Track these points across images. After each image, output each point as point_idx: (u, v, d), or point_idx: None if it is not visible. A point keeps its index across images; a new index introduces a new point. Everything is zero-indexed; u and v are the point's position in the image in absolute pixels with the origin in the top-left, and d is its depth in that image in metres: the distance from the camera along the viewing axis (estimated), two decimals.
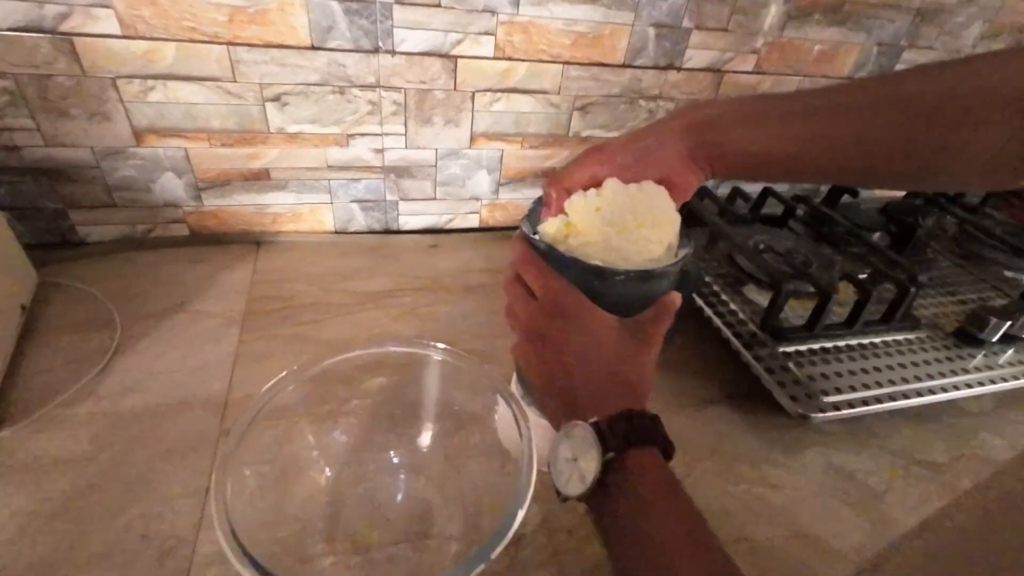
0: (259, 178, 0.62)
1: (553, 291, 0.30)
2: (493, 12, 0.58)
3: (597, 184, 0.33)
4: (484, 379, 0.39)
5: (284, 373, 0.36)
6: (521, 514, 0.31)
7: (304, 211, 0.67)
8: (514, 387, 0.43)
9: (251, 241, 0.66)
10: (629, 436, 0.24)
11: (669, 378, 0.55)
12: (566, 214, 0.33)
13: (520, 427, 0.35)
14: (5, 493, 0.37)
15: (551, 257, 0.32)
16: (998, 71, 0.30)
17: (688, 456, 0.47)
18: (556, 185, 0.33)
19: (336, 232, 0.70)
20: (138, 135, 0.56)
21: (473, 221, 0.75)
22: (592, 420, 0.25)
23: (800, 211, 0.68)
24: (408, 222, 0.72)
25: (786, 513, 0.44)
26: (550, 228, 0.33)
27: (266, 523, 0.33)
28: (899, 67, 0.78)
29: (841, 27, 0.71)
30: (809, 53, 0.72)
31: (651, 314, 0.31)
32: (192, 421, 0.44)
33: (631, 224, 0.31)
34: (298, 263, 0.64)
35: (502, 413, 0.38)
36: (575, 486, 0.26)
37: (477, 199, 0.72)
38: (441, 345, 0.41)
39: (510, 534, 0.29)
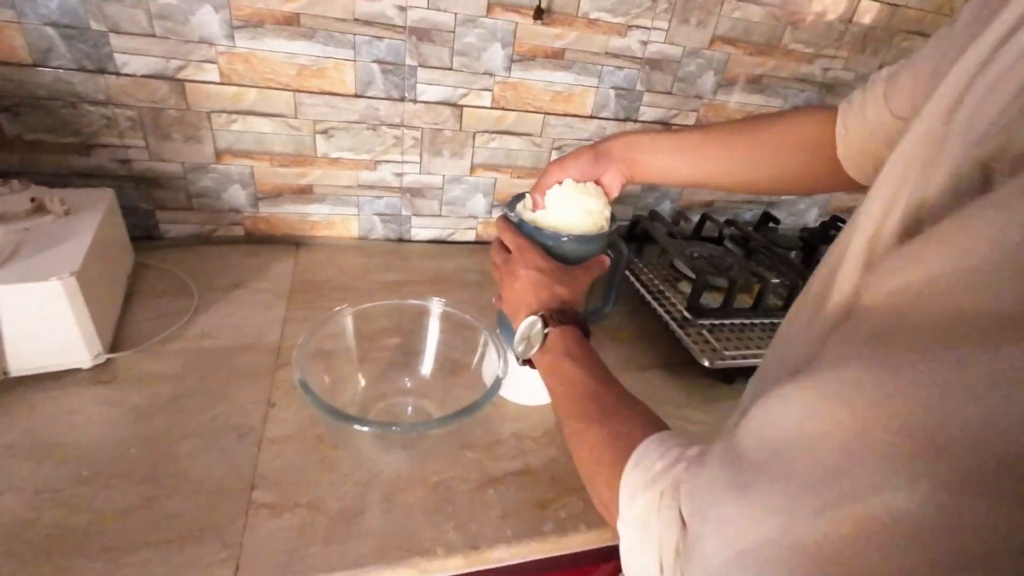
0: (304, 192, 0.80)
1: (520, 247, 0.46)
2: (491, 74, 0.77)
3: (560, 182, 0.50)
4: (473, 323, 0.55)
5: (336, 308, 0.52)
6: (488, 400, 0.45)
7: (336, 220, 0.84)
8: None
9: (292, 242, 0.82)
10: (560, 318, 0.40)
11: (617, 349, 0.70)
12: (545, 208, 0.50)
13: (497, 349, 0.51)
14: (125, 393, 0.52)
15: (522, 228, 0.49)
16: (811, 122, 0.48)
17: None
18: (536, 191, 0.50)
19: (360, 238, 0.86)
20: (218, 155, 0.73)
21: (470, 236, 0.92)
22: (540, 313, 0.41)
23: (728, 232, 0.86)
24: (418, 233, 0.89)
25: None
26: (529, 215, 0.50)
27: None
28: None
29: (762, 94, 0.92)
30: (738, 113, 0.92)
31: (585, 264, 0.47)
32: (255, 358, 0.59)
33: (578, 207, 0.48)
34: (330, 259, 0.80)
35: (485, 353, 0.54)
36: (527, 351, 0.41)
37: (475, 217, 0.90)
38: (443, 300, 0.56)
39: (476, 411, 0.44)
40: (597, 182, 0.51)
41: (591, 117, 0.85)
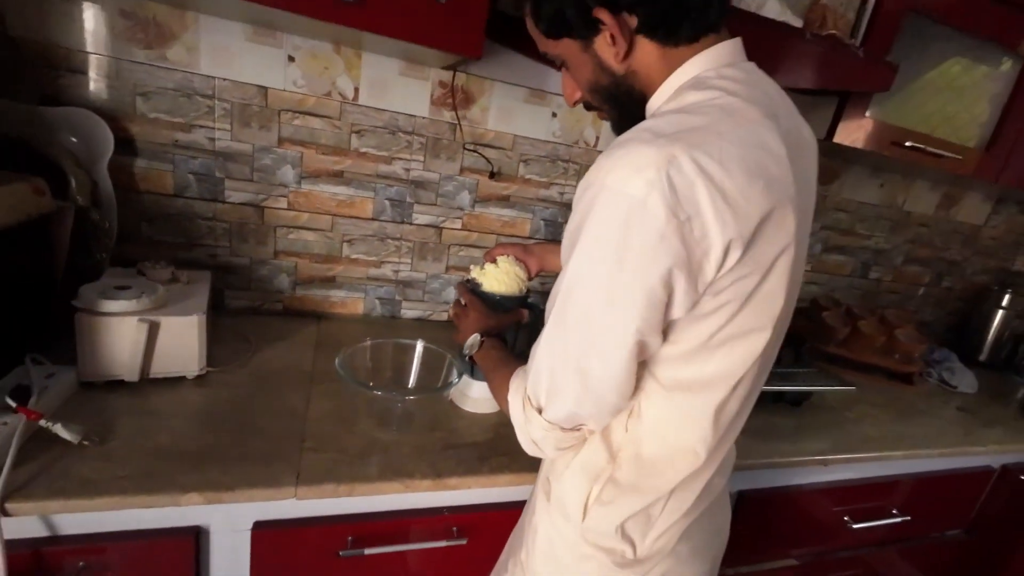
0: (330, 281, 1.15)
1: (471, 300, 0.81)
2: (462, 208, 1.19)
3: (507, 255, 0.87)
4: (443, 353, 0.88)
5: (361, 341, 0.84)
6: (449, 388, 0.77)
7: (348, 301, 1.18)
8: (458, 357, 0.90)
9: (316, 316, 1.15)
10: (489, 335, 0.74)
11: None
12: (495, 263, 0.86)
13: (456, 367, 0.83)
14: (216, 391, 0.81)
15: (473, 290, 0.84)
16: None
17: None
18: (488, 254, 0.87)
19: (364, 315, 1.20)
20: (276, 254, 1.09)
21: (444, 316, 1.26)
22: (478, 333, 0.75)
23: None
24: (407, 313, 1.23)
25: None
26: (480, 277, 0.86)
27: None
28: None
29: None
30: None
31: (509, 314, 0.83)
32: (296, 377, 0.89)
33: (514, 272, 0.84)
34: (342, 328, 1.13)
35: (449, 370, 0.86)
36: (470, 351, 0.74)
37: (447, 303, 1.25)
38: (424, 340, 0.90)
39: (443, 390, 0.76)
40: (524, 262, 0.88)
41: (529, 238, 1.26)
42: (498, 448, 0.80)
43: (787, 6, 0.90)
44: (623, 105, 0.56)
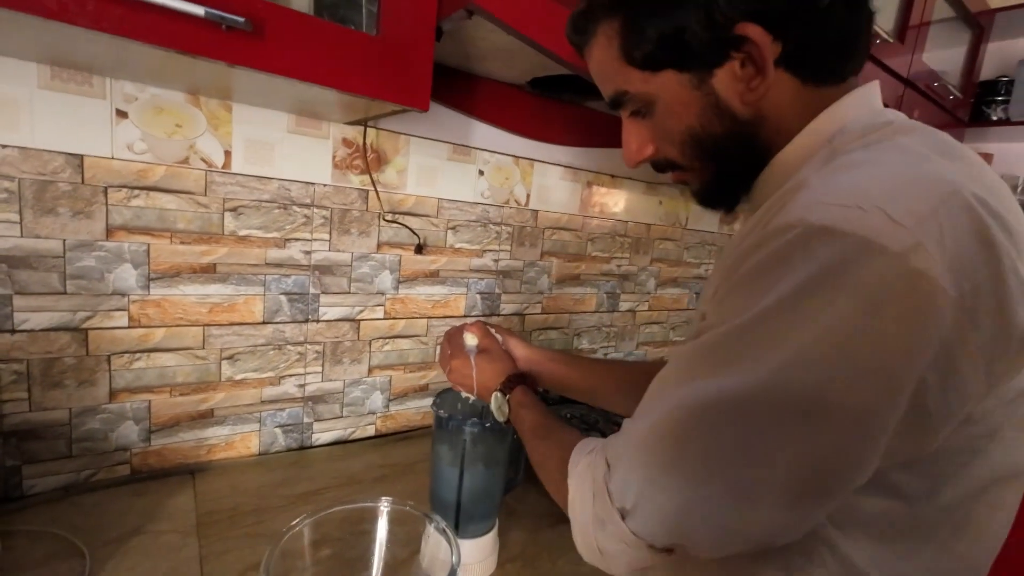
0: (204, 417, 0.81)
1: (491, 344, 0.63)
2: (383, 293, 0.94)
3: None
4: (415, 516, 0.62)
5: (294, 522, 0.55)
6: None
7: (236, 440, 0.84)
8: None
9: (186, 471, 0.79)
10: (509, 385, 0.55)
11: (538, 500, 0.80)
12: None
13: (448, 539, 0.58)
14: None
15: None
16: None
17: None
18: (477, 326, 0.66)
19: (260, 454, 0.87)
20: (113, 394, 0.73)
21: (370, 431, 0.98)
22: (497, 389, 0.56)
23: None
24: (320, 438, 0.92)
25: None
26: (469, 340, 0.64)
27: None
28: (622, 302, 1.33)
29: (583, 286, 1.24)
30: (570, 300, 1.22)
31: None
32: None
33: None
34: (233, 482, 0.79)
35: (435, 544, 0.60)
36: (502, 416, 0.55)
37: (373, 413, 0.98)
38: (390, 499, 0.63)
39: None
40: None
41: (465, 316, 1.06)
42: None
43: None
44: (732, 161, 0.41)
